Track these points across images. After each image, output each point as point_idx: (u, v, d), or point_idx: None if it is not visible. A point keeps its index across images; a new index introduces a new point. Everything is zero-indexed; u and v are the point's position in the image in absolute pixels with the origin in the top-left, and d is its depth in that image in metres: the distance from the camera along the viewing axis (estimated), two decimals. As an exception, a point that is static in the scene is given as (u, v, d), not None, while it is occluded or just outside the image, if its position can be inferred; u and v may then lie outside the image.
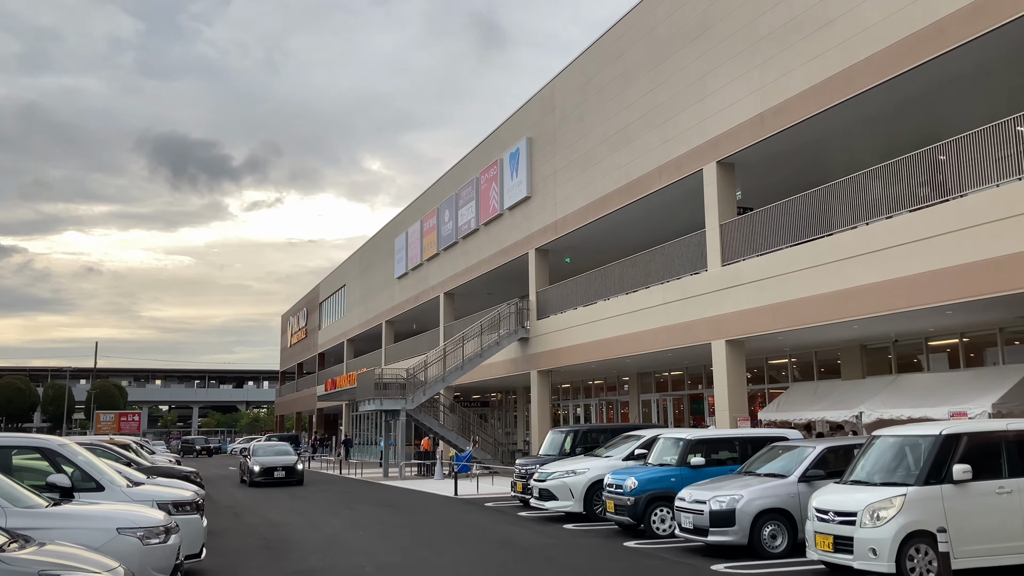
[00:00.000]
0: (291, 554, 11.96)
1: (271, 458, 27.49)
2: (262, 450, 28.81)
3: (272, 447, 29.47)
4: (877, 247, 15.63)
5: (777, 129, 18.35)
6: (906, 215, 15.27)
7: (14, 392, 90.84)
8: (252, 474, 27.02)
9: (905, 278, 14.86)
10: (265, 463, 27.09)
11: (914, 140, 17.47)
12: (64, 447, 9.41)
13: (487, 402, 45.78)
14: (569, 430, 18.14)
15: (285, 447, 29.62)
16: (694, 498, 11.07)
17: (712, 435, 13.66)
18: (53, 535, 6.89)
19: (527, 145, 30.12)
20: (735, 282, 19.31)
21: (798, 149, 19.53)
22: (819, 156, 20.16)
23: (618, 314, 24.20)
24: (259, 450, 28.81)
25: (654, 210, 24.41)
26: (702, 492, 11.04)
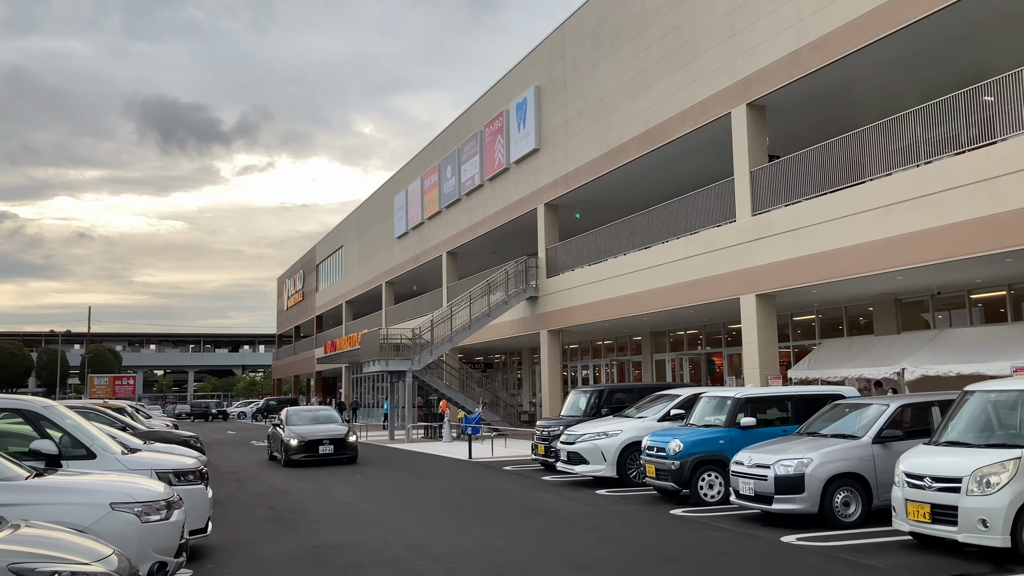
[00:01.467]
0: (305, 526, 10.89)
1: (314, 428, 20.86)
2: (299, 417, 21.95)
3: (312, 413, 22.81)
4: (928, 191, 14.46)
5: (814, 67, 17.08)
6: (963, 155, 14.08)
7: (7, 357, 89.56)
8: (289, 450, 20.09)
9: (961, 223, 13.72)
10: (306, 434, 20.27)
11: (954, 81, 16.28)
12: (49, 409, 8.26)
13: (490, 364, 44.78)
14: (592, 390, 17.08)
15: (329, 412, 23.10)
16: (755, 462, 10.00)
17: (763, 393, 12.57)
18: (34, 513, 5.76)
19: (535, 94, 28.71)
20: (766, 233, 18.14)
21: (833, 90, 18.29)
22: (853, 98, 18.93)
23: (635, 270, 23.05)
24: (296, 417, 21.90)
25: (673, 160, 23.18)
26: (764, 455, 9.97)
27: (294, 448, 19.92)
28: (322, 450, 19.99)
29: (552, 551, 8.84)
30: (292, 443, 19.99)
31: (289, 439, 20.13)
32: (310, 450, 19.94)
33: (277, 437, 21.40)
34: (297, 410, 22.88)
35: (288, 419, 21.56)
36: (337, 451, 20.07)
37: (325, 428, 20.83)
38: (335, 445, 20.07)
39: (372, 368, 29.96)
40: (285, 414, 22.11)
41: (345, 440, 20.41)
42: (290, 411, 22.41)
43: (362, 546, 9.41)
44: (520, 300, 28.95)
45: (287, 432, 20.53)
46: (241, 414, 63.18)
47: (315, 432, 20.41)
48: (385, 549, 9.21)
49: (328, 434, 20.29)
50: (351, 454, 20.45)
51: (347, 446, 20.36)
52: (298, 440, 20.01)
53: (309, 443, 19.97)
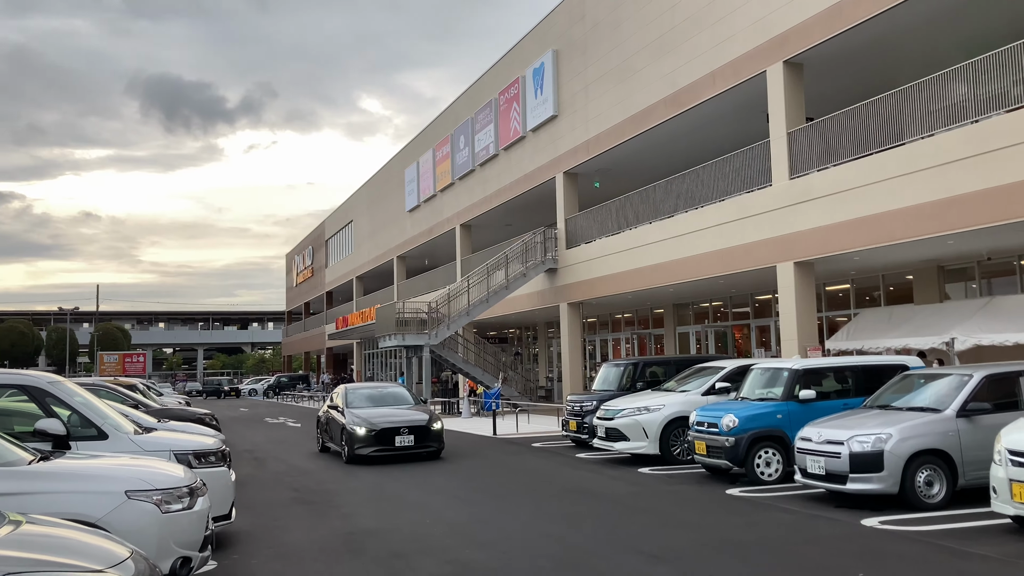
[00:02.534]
0: (335, 510, 10.14)
1: (385, 412, 15.94)
2: (363, 397, 16.93)
3: (377, 391, 17.62)
4: (984, 149, 13.53)
5: (857, 21, 16.08)
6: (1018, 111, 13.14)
7: (17, 336, 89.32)
8: (354, 441, 15.26)
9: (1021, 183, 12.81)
10: (378, 420, 15.44)
11: (1003, 35, 15.30)
12: (56, 385, 7.47)
13: (504, 339, 44.06)
14: (626, 363, 16.25)
15: (399, 391, 17.86)
16: (826, 438, 9.17)
17: (822, 364, 11.72)
18: (39, 503, 5.00)
19: (553, 59, 27.67)
20: (805, 197, 17.23)
21: (873, 46, 17.30)
22: (894, 55, 17.94)
23: (662, 239, 22.16)
24: (358, 397, 16.89)
25: (700, 124, 22.23)
26: (835, 431, 9.14)
27: (362, 439, 15.02)
28: (400, 441, 15.08)
29: (611, 537, 8.05)
30: (359, 432, 15.08)
31: (354, 427, 15.23)
32: (383, 442, 15.03)
33: (334, 424, 16.47)
34: (358, 388, 17.87)
35: (348, 400, 16.51)
36: (418, 443, 15.18)
37: (400, 412, 15.85)
38: (416, 435, 15.17)
39: (388, 343, 29.22)
40: (343, 393, 16.98)
41: (428, 428, 15.37)
42: (349, 389, 17.32)
43: (400, 532, 8.65)
44: (539, 272, 28.11)
45: (350, 417, 15.60)
46: (252, 391, 62.71)
47: (389, 418, 15.47)
48: (426, 536, 8.44)
49: (406, 420, 15.38)
50: (436, 447, 15.45)
51: (431, 435, 15.35)
52: (367, 429, 15.11)
53: (382, 433, 15.10)
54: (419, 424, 15.32)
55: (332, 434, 16.69)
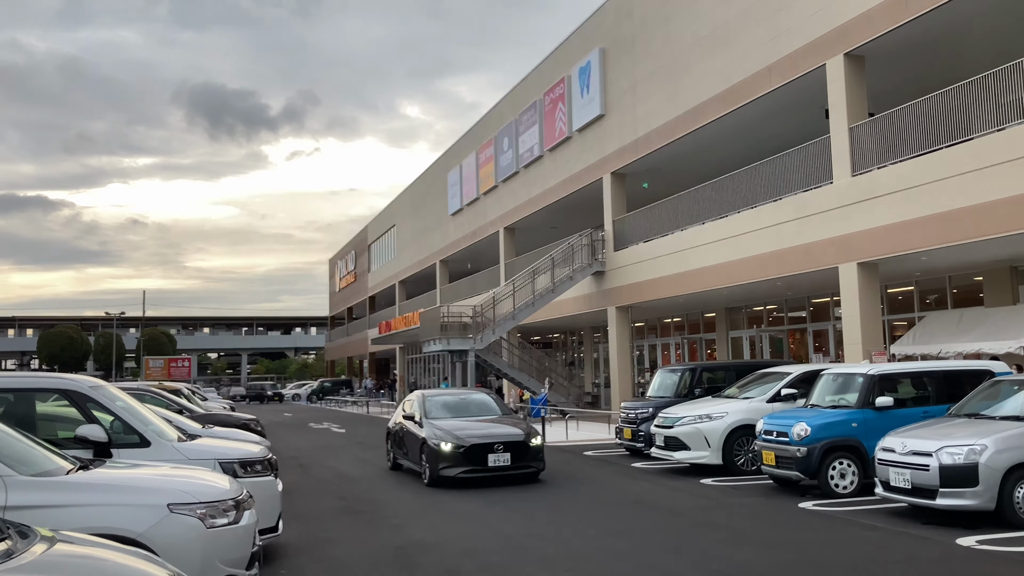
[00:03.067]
0: (384, 520, 9.69)
1: (474, 425, 13.32)
2: (444, 406, 14.25)
3: (460, 399, 14.85)
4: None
5: (924, 9, 15.31)
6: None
7: (66, 341, 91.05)
8: (439, 459, 12.63)
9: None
10: (466, 435, 12.79)
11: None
12: (98, 389, 7.12)
13: (549, 343, 43.48)
14: (683, 368, 15.61)
15: (483, 399, 15.10)
16: (911, 448, 8.50)
17: (899, 369, 11.01)
18: (75, 516, 4.61)
19: (600, 57, 27.11)
20: (869, 194, 16.45)
21: (939, 37, 16.51)
22: (961, 46, 17.11)
23: (714, 240, 21.47)
24: (438, 405, 14.25)
25: (754, 121, 21.52)
26: (922, 441, 8.46)
27: (447, 457, 12.44)
28: (493, 461, 12.44)
29: (683, 556, 7.47)
30: (444, 449, 12.49)
31: (437, 443, 12.64)
32: (474, 461, 12.44)
33: (410, 438, 13.81)
34: (437, 395, 14.94)
35: (427, 409, 13.88)
36: (515, 462, 12.54)
37: (491, 425, 13.27)
38: (512, 452, 12.53)
39: (432, 347, 28.85)
40: (419, 402, 14.28)
41: (527, 444, 12.71)
42: (427, 397, 14.56)
43: (453, 546, 8.17)
44: (586, 275, 27.53)
45: (430, 431, 13.01)
46: (296, 396, 62.94)
47: (478, 432, 12.87)
48: (481, 550, 7.95)
49: (500, 435, 12.75)
50: (535, 467, 12.86)
51: (529, 453, 12.70)
52: (454, 445, 12.50)
53: (472, 450, 12.46)
54: (516, 440, 12.59)
55: (408, 449, 13.92)
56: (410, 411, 14.37)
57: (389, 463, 15.39)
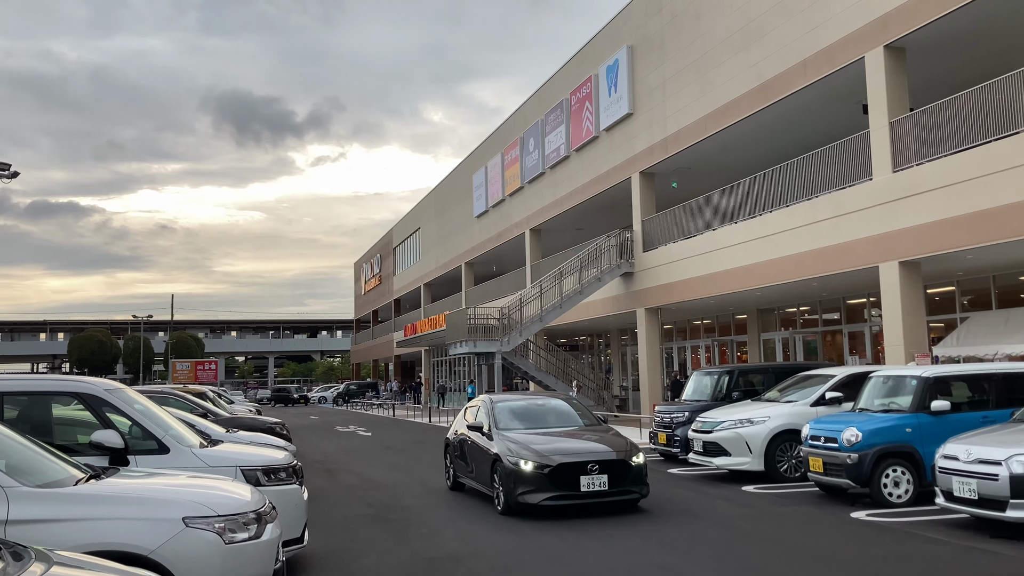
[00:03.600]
0: (413, 529, 9.31)
1: (558, 440, 10.85)
2: (517, 414, 11.69)
3: (535, 406, 12.15)
4: None
5: (968, -1, 14.73)
6: None
7: (96, 344, 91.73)
8: (518, 481, 10.15)
9: None
10: (551, 451, 10.34)
11: None
12: (114, 392, 6.81)
13: (575, 346, 42.99)
14: (720, 371, 15.11)
15: (563, 407, 12.23)
16: (976, 456, 7.97)
17: (956, 372, 10.45)
18: (82, 531, 4.27)
19: (628, 55, 26.65)
20: (911, 191, 15.87)
21: (984, 27, 15.92)
22: (1007, 36, 16.49)
23: (747, 240, 20.93)
24: (510, 414, 11.67)
25: (787, 118, 20.99)
26: (988, 448, 7.94)
27: (529, 479, 9.92)
28: (587, 484, 9.86)
29: (736, 571, 6.99)
30: (524, 469, 9.97)
31: (514, 460, 10.12)
32: (563, 484, 9.88)
33: (477, 452, 11.36)
34: (507, 401, 12.05)
35: (497, 418, 11.34)
36: (613, 485, 9.98)
37: (579, 440, 10.70)
38: (610, 474, 9.98)
39: (459, 350, 28.50)
40: (487, 408, 11.67)
41: (627, 464, 10.14)
42: (496, 402, 11.86)
43: (488, 559, 7.76)
44: (614, 276, 27.06)
45: (504, 445, 10.53)
46: (322, 399, 62.92)
47: (566, 447, 10.37)
48: (519, 565, 7.53)
49: (594, 452, 10.19)
50: (637, 492, 10.27)
51: (631, 475, 10.15)
52: (536, 464, 9.95)
53: (561, 471, 9.90)
54: (614, 458, 10.03)
55: (474, 466, 11.44)
56: (475, 420, 11.75)
57: (448, 481, 12.79)
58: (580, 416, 11.89)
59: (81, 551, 3.98)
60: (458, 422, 12.68)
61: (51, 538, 4.11)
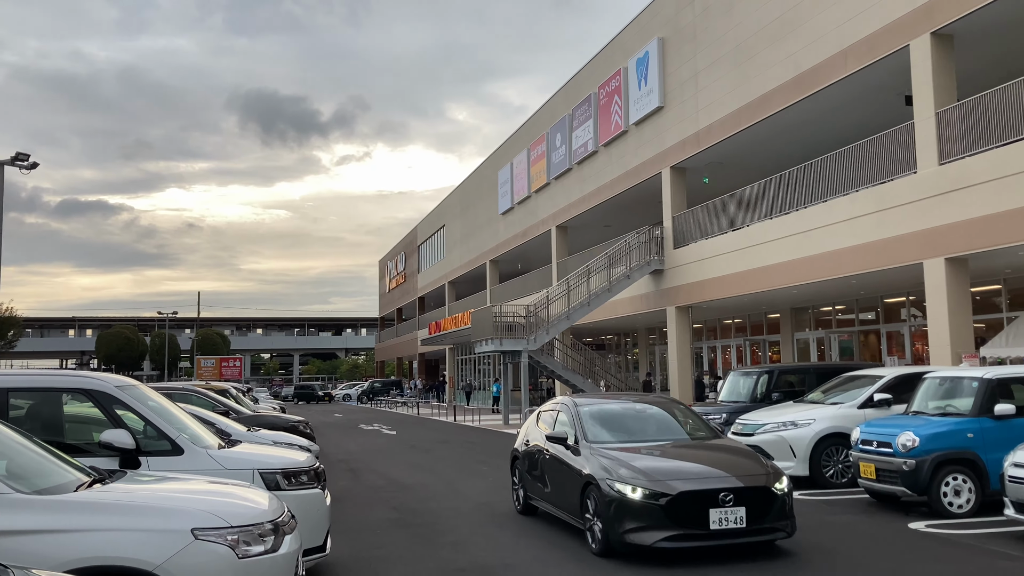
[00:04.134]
0: (441, 536, 8.85)
1: (669, 458, 8.16)
2: (607, 422, 9.14)
3: (627, 410, 9.59)
4: None
5: (1022, -19, 14.04)
6: None
7: (123, 341, 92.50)
8: (623, 516, 7.52)
9: None
10: (667, 476, 7.67)
11: None
12: (126, 389, 6.41)
13: (601, 345, 42.41)
14: (759, 371, 14.51)
15: (661, 413, 9.62)
16: (1051, 465, 7.39)
17: (1021, 374, 9.78)
18: (77, 544, 3.85)
19: (658, 47, 26.05)
20: (959, 184, 15.19)
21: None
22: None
23: (782, 236, 20.30)
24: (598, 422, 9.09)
25: (823, 111, 20.36)
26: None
27: (640, 511, 7.56)
28: (718, 519, 7.51)
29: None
30: (632, 498, 7.61)
31: (618, 485, 7.73)
32: (685, 519, 7.50)
33: (559, 469, 8.94)
34: (595, 405, 9.50)
35: (585, 426, 8.91)
36: (753, 522, 7.58)
37: (698, 462, 8.08)
38: (749, 506, 7.59)
39: (484, 348, 28.06)
40: (571, 413, 9.25)
41: (770, 492, 7.75)
42: (582, 407, 9.34)
43: (521, 571, 7.29)
44: (644, 274, 26.49)
45: (600, 463, 8.12)
46: (346, 396, 62.78)
47: (686, 471, 7.85)
48: None
49: (726, 477, 7.73)
50: (782, 530, 7.80)
51: (774, 507, 7.73)
52: (648, 491, 7.58)
53: (683, 502, 7.53)
54: (752, 484, 7.57)
55: (555, 488, 8.99)
56: (556, 428, 9.35)
57: (516, 502, 10.39)
58: (690, 424, 9.33)
59: (74, 566, 3.57)
60: (529, 430, 10.38)
61: (41, 551, 3.71)
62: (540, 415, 10.22)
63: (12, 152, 20.62)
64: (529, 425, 10.46)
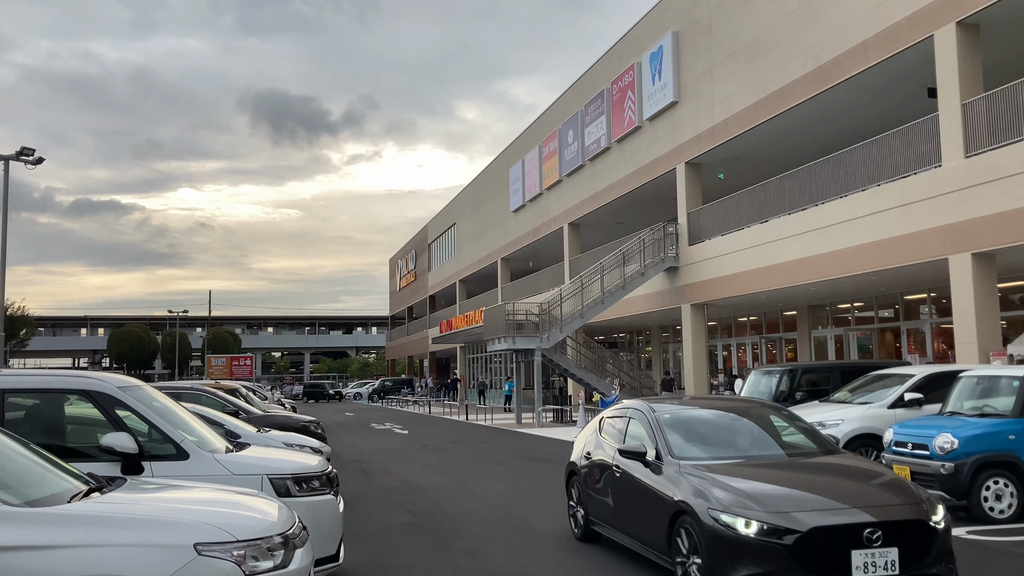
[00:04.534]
0: (459, 541, 8.52)
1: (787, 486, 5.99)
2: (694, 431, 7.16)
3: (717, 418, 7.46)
4: None
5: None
6: None
7: (134, 340, 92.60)
8: (730, 553, 5.59)
9: None
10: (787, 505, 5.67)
11: None
12: (128, 390, 6.09)
13: (613, 343, 42.02)
14: (781, 370, 14.11)
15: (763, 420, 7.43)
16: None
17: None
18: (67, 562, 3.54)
19: (673, 41, 25.66)
20: (986, 177, 14.78)
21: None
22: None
23: (801, 232, 19.91)
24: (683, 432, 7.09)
25: (841, 105, 19.98)
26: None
27: (757, 551, 5.58)
28: (864, 565, 5.46)
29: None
30: (745, 534, 5.62)
31: (725, 518, 5.73)
32: (821, 564, 5.49)
33: (633, 489, 7.08)
34: (677, 410, 7.55)
35: (668, 438, 7.00)
36: (907, 566, 5.55)
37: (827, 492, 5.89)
38: (902, 547, 5.56)
39: (497, 346, 27.73)
40: (649, 420, 7.34)
41: (929, 528, 5.69)
42: (660, 412, 7.40)
43: None
44: (658, 271, 26.11)
45: (694, 488, 6.16)
46: (357, 395, 62.57)
47: (814, 503, 5.73)
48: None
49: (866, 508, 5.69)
50: (946, 574, 5.72)
51: (932, 546, 5.67)
52: (767, 525, 5.58)
53: (817, 539, 5.50)
54: (903, 517, 5.73)
55: (630, 513, 7.17)
56: (628, 440, 7.48)
57: (574, 528, 8.57)
58: (798, 436, 7.25)
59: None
60: (589, 440, 8.44)
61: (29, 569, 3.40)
62: (603, 423, 8.35)
63: (18, 148, 20.42)
64: (589, 434, 8.55)
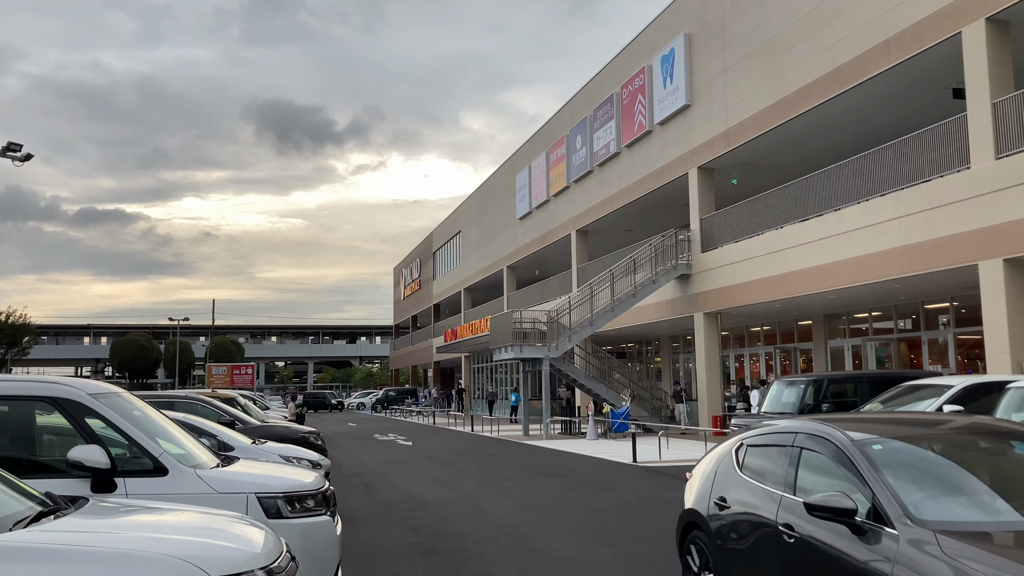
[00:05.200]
0: (466, 565, 7.84)
1: None
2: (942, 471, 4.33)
3: (977, 449, 4.63)
4: None
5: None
6: None
7: (137, 348, 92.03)
8: None
9: None
10: None
11: None
12: (101, 398, 5.44)
13: (622, 353, 41.29)
14: (806, 380, 13.43)
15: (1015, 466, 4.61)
16: None
17: None
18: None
19: (685, 43, 25.07)
20: (1019, 179, 14.13)
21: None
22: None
23: (820, 238, 19.24)
24: (920, 476, 4.19)
25: (861, 107, 19.37)
26: None
27: None
28: None
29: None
30: None
31: None
32: None
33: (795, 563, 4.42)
34: (898, 439, 4.55)
35: (895, 492, 4.00)
36: None
37: None
38: None
39: (504, 355, 27.05)
40: (852, 457, 4.33)
41: None
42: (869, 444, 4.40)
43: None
44: (670, 279, 25.44)
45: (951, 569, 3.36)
46: (360, 405, 61.87)
47: None
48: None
49: None
50: None
51: None
52: None
53: None
54: None
55: None
56: (800, 481, 4.76)
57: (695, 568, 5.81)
58: None
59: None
60: (714, 473, 5.76)
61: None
62: (744, 453, 5.53)
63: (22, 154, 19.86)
64: (717, 466, 5.76)
